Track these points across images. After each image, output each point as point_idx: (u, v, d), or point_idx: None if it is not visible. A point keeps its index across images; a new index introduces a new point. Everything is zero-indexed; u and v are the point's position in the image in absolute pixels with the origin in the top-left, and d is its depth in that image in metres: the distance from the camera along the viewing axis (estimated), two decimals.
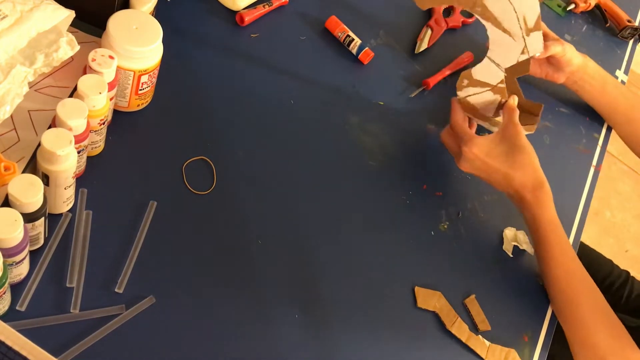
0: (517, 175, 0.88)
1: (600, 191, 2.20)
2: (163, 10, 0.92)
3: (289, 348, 0.76)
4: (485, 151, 0.89)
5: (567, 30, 1.28)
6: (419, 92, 1.05)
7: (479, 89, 0.94)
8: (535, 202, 0.88)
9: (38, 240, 0.70)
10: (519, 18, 0.85)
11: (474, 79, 0.93)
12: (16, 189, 0.62)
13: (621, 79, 1.28)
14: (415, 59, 1.09)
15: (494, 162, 0.89)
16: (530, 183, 0.88)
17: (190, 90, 0.90)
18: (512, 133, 0.89)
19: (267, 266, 0.80)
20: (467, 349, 0.85)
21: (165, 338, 0.71)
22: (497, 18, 0.86)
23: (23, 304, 0.68)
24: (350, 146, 0.95)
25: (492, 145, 0.89)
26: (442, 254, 0.91)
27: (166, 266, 0.76)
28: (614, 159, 2.27)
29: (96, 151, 0.79)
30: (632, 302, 1.19)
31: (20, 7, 0.72)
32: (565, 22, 1.30)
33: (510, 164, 0.88)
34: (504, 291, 0.92)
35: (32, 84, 0.78)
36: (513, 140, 0.89)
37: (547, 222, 0.88)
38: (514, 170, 0.88)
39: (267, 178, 0.87)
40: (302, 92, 0.97)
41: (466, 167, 0.91)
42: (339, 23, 1.03)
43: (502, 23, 0.86)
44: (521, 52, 0.87)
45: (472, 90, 0.94)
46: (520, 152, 0.88)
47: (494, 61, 0.90)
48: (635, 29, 1.31)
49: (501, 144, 0.89)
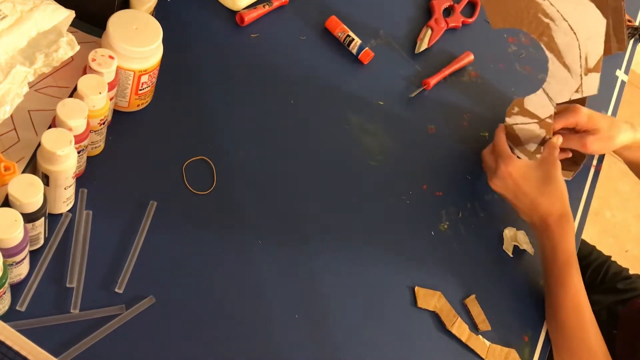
0: (544, 202, 0.89)
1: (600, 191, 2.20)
2: (163, 10, 0.92)
3: (289, 348, 0.76)
4: (521, 173, 0.90)
5: None
6: (419, 92, 1.05)
7: (527, 119, 0.94)
8: (558, 231, 0.89)
9: (38, 240, 0.70)
10: (582, 56, 0.84)
11: (525, 108, 0.93)
12: (16, 189, 0.62)
13: (621, 79, 1.28)
14: (415, 59, 1.09)
15: (525, 186, 0.90)
16: (557, 212, 0.89)
17: (190, 90, 0.90)
18: (550, 165, 0.91)
19: (267, 266, 0.80)
20: (467, 349, 0.85)
21: (165, 338, 0.71)
22: (561, 51, 0.86)
23: (23, 304, 0.68)
24: (350, 146, 0.95)
25: (528, 170, 0.91)
26: (442, 254, 0.91)
27: (166, 266, 0.76)
28: (614, 159, 2.27)
29: (96, 151, 0.79)
30: (607, 282, 1.20)
31: (20, 7, 0.72)
32: None
33: (541, 191, 0.89)
34: (504, 291, 0.92)
35: (32, 84, 0.78)
36: (548, 171, 0.90)
37: (567, 253, 0.88)
38: (542, 197, 0.89)
39: (267, 178, 0.87)
40: (302, 92, 0.97)
41: (497, 185, 0.92)
42: (339, 23, 1.03)
43: (565, 57, 0.86)
44: (575, 91, 0.87)
45: (520, 119, 0.95)
46: (552, 183, 0.89)
47: (548, 94, 0.90)
48: (636, 29, 1.31)
49: (537, 171, 0.91)
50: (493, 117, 1.05)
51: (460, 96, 1.06)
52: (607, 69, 1.09)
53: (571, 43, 0.85)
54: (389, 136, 0.98)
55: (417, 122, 1.02)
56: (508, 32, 1.23)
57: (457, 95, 1.05)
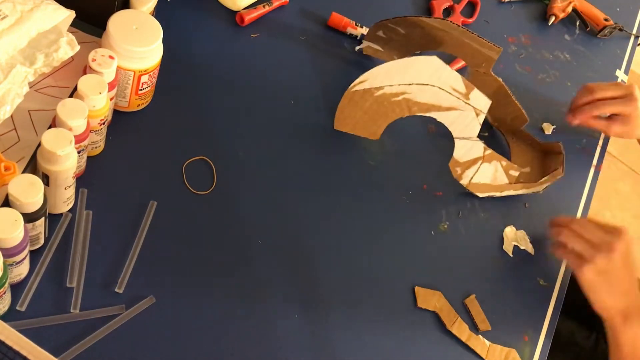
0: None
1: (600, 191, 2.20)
2: (163, 10, 0.92)
3: (289, 348, 0.76)
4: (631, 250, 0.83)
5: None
6: None
7: (474, 167, 0.93)
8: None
9: (38, 240, 0.70)
10: (450, 92, 0.85)
11: (462, 162, 0.92)
12: (16, 189, 0.62)
13: (621, 79, 1.28)
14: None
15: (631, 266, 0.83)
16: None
17: (190, 90, 0.90)
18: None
19: (267, 266, 0.80)
20: (467, 349, 0.85)
21: (165, 338, 0.71)
22: (433, 104, 0.87)
23: (23, 304, 0.68)
24: (350, 146, 0.95)
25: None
26: (442, 254, 0.91)
27: (166, 266, 0.76)
28: (614, 159, 2.27)
29: (96, 151, 0.79)
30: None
31: (20, 7, 0.72)
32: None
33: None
34: (504, 291, 0.92)
35: (32, 84, 0.78)
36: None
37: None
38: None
39: (267, 178, 0.87)
40: (302, 92, 0.97)
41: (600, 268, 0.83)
42: (342, 18, 1.04)
43: (441, 105, 0.87)
44: (477, 115, 0.87)
45: (470, 173, 0.94)
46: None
47: (464, 138, 0.90)
48: (614, 27, 1.31)
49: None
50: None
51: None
52: (607, 69, 1.09)
53: (433, 91, 0.85)
54: (389, 136, 0.98)
55: (417, 122, 1.02)
56: (508, 32, 1.23)
57: None
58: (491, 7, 1.25)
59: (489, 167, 0.93)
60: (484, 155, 0.91)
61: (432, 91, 0.85)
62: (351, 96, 0.88)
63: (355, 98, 0.88)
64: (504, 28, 1.23)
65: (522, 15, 1.28)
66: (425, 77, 0.84)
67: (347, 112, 0.90)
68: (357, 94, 0.87)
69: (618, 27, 1.31)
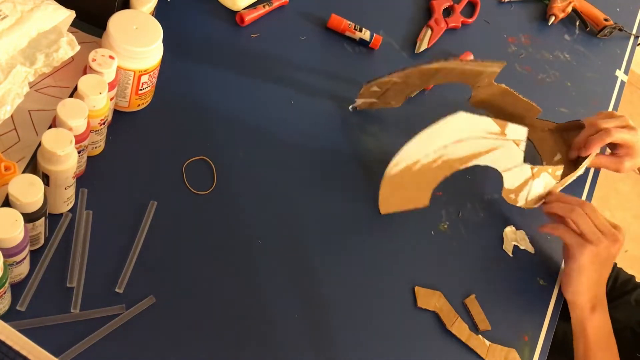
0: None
1: (600, 191, 2.20)
2: (163, 10, 0.92)
3: (289, 348, 0.76)
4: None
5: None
6: (419, 92, 1.05)
7: (527, 188, 0.93)
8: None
9: (38, 240, 0.70)
10: (486, 136, 0.84)
11: (514, 188, 0.92)
12: (16, 189, 0.62)
13: (621, 79, 1.28)
14: (415, 59, 1.09)
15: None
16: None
17: (190, 90, 0.90)
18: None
19: (267, 266, 0.80)
20: (467, 348, 0.85)
21: (165, 338, 0.71)
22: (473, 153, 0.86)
23: (23, 303, 0.68)
24: (351, 146, 0.95)
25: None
26: (442, 254, 0.91)
27: (166, 266, 0.76)
28: None
29: (96, 151, 0.79)
30: (616, 289, 1.19)
31: (20, 7, 0.72)
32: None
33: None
34: (504, 291, 0.92)
35: (32, 84, 0.78)
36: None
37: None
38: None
39: (267, 178, 0.87)
40: (302, 92, 0.97)
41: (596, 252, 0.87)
42: (342, 20, 1.04)
43: (481, 151, 0.86)
44: (517, 145, 0.87)
45: (524, 194, 0.93)
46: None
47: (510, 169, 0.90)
48: (614, 27, 1.31)
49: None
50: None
51: (461, 96, 1.06)
52: (607, 69, 1.09)
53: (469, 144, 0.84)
54: (389, 136, 0.98)
55: (418, 122, 1.02)
56: (508, 32, 1.23)
57: (457, 95, 1.05)
58: (491, 7, 1.25)
59: (539, 181, 0.93)
60: (533, 173, 0.91)
61: (468, 144, 0.84)
62: (390, 181, 0.86)
63: (395, 180, 0.86)
64: (504, 28, 1.23)
65: (522, 15, 1.28)
66: (457, 135, 0.83)
67: (391, 196, 0.88)
68: (396, 177, 0.86)
69: (618, 27, 1.32)
